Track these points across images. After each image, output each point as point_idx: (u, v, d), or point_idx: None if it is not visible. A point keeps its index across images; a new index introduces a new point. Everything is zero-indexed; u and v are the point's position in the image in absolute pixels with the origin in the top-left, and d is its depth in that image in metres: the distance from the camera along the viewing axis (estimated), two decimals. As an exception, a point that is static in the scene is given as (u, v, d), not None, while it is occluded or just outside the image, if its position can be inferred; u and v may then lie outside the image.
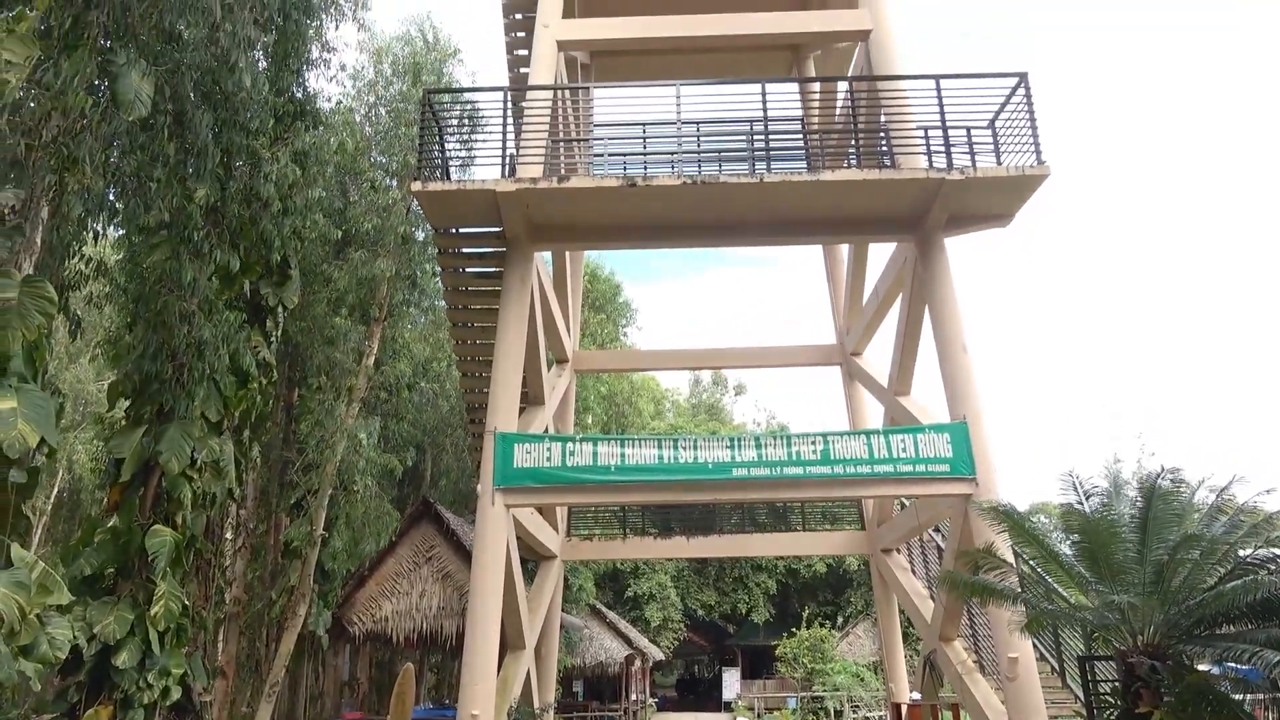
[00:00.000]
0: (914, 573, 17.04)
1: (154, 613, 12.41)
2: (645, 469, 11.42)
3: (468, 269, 13.75)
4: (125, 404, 14.15)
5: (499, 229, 12.41)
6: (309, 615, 18.47)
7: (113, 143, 11.79)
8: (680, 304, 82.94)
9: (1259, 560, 7.77)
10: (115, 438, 13.69)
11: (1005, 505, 9.35)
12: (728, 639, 41.72)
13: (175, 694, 12.86)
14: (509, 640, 13.41)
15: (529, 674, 13.90)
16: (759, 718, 33.45)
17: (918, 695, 17.25)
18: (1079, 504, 8.83)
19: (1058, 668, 13.05)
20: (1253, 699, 8.01)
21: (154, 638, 12.46)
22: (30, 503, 11.39)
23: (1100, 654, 9.48)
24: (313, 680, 23.88)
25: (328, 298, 19.02)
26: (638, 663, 32.49)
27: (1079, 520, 8.54)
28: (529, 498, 11.97)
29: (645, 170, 11.95)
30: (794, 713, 31.44)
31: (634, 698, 32.01)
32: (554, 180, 11.58)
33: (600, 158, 12.66)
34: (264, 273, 15.76)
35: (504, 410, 11.97)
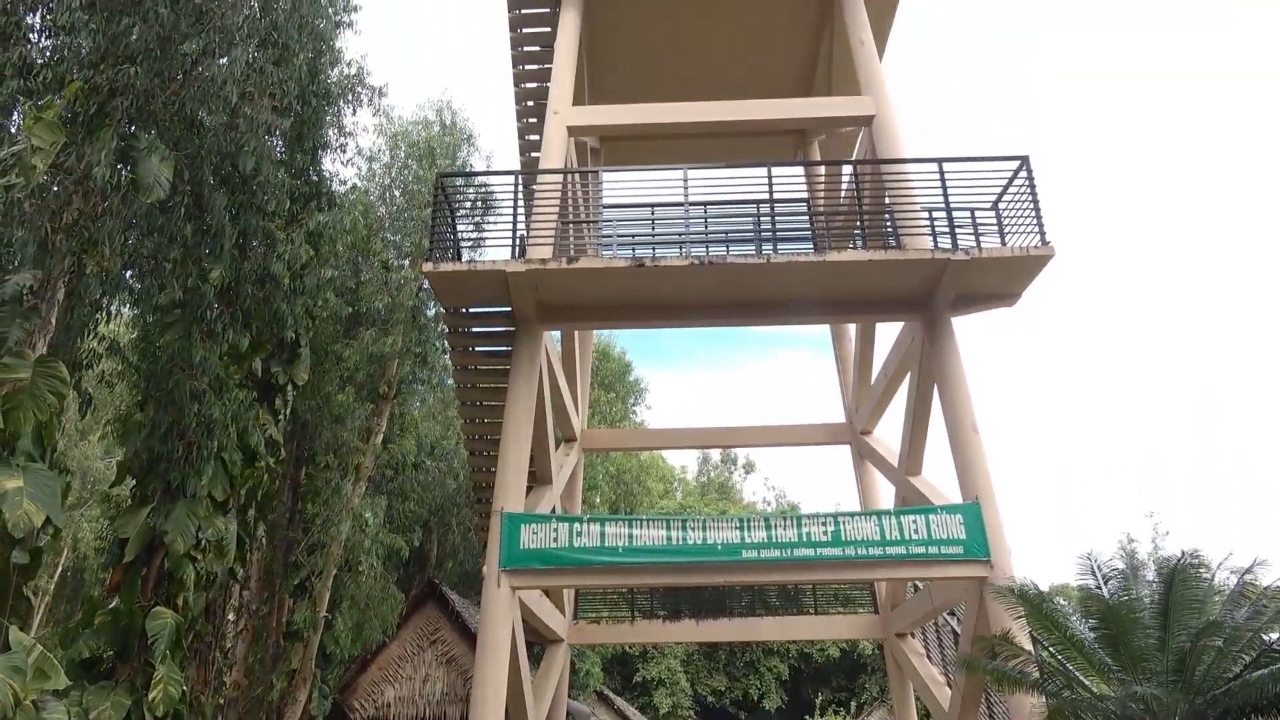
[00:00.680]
0: (930, 658, 16.59)
1: (152, 698, 12.13)
2: (653, 550, 11.24)
3: (477, 348, 13.83)
4: (132, 482, 14.13)
5: (508, 309, 12.51)
6: (309, 701, 18.04)
7: (132, 224, 12.05)
8: (692, 385, 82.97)
9: (1285, 648, 7.56)
10: (121, 517, 13.63)
11: (1022, 587, 9.15)
12: (739, 727, 40.49)
13: (170, 782, 12.50)
14: (513, 728, 13.02)
15: (534, 764, 13.45)
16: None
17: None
18: (1097, 588, 8.65)
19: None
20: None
21: (150, 724, 12.17)
22: (33, 583, 11.28)
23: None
24: (311, 769, 23.18)
25: (338, 375, 19.13)
26: (646, 752, 31.52)
27: (1098, 605, 8.35)
28: (535, 580, 11.77)
29: (653, 251, 12.09)
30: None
31: (642, 789, 30.94)
32: (563, 261, 11.72)
33: (609, 238, 12.84)
34: (274, 351, 15.90)
35: (511, 490, 11.87)
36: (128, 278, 12.64)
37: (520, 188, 12.77)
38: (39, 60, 11.21)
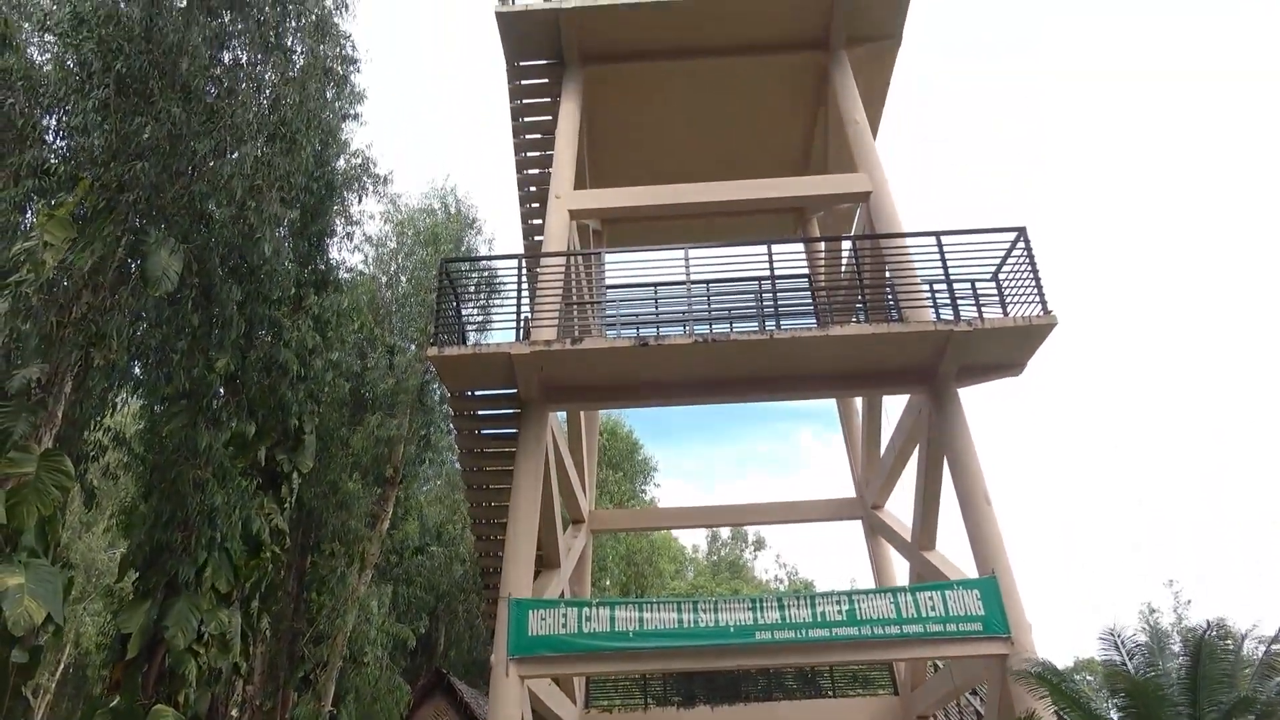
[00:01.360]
0: (953, 741, 16.04)
1: (151, 801, 11.76)
2: (665, 634, 10.97)
3: (482, 430, 13.78)
4: (135, 576, 13.95)
5: (514, 390, 12.51)
6: (313, 800, 17.46)
7: (140, 316, 12.18)
8: (698, 461, 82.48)
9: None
10: (123, 611, 13.41)
11: (1043, 666, 8.88)
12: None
13: None
14: (524, 826, 12.52)
15: None
16: None
17: None
18: (1122, 664, 8.40)
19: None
20: None
21: (148, 829, 11.76)
22: (33, 681, 11.04)
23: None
24: None
25: (344, 461, 19.06)
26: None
27: (1124, 682, 8.10)
28: (544, 668, 11.47)
29: (657, 330, 12.15)
30: None
31: None
32: (567, 342, 11.77)
33: (612, 318, 12.91)
34: (280, 438, 15.88)
35: (518, 575, 11.67)
36: (134, 369, 12.71)
37: (524, 271, 12.92)
38: (53, 159, 11.51)
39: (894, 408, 15.71)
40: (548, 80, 16.18)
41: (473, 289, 19.29)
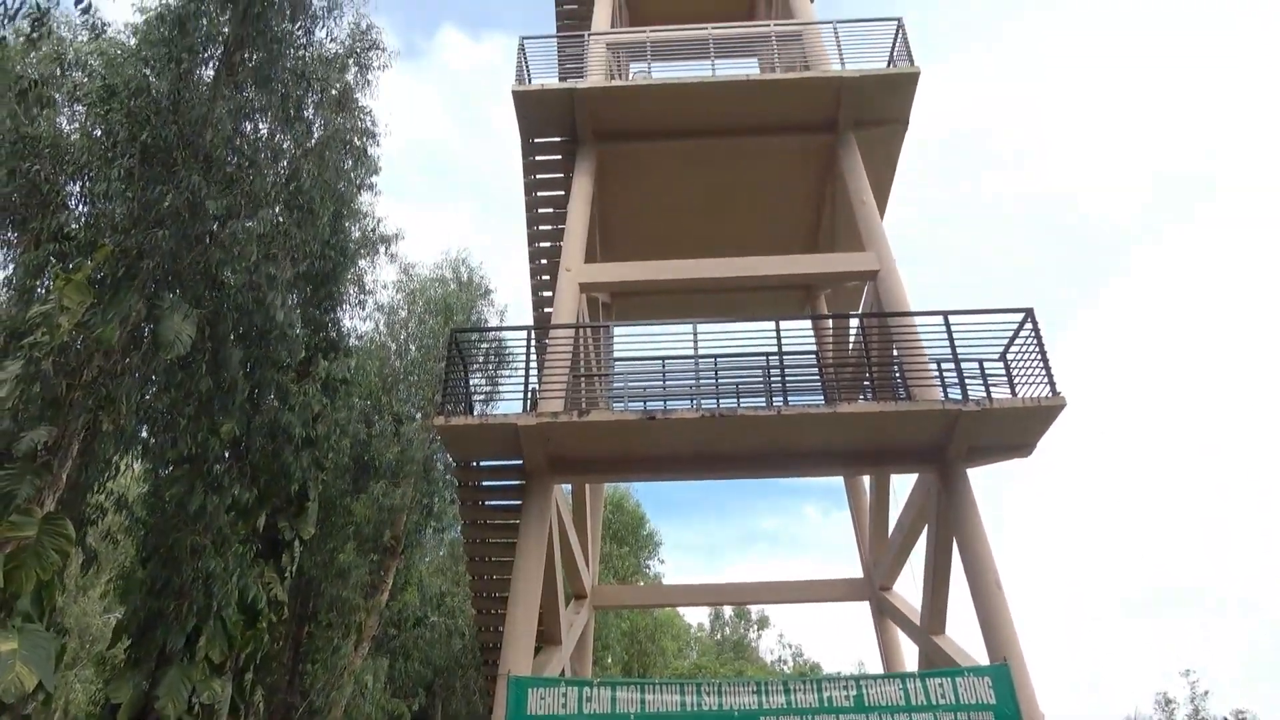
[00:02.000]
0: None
1: None
2: (668, 717, 10.65)
3: (486, 501, 13.67)
4: (128, 642, 13.71)
5: (519, 462, 12.44)
6: None
7: (150, 381, 12.24)
8: (703, 537, 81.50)
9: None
10: (114, 680, 13.15)
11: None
12: None
13: None
14: None
15: None
16: None
17: None
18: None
19: None
20: None
21: None
22: (16, 753, 10.75)
23: None
24: None
25: (346, 529, 18.89)
26: None
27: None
28: (543, 749, 11.14)
29: (664, 404, 12.13)
30: None
31: None
32: (574, 414, 11.75)
33: (620, 391, 12.91)
34: (282, 504, 15.77)
35: (518, 651, 11.42)
36: (141, 433, 12.73)
37: (533, 342, 12.97)
38: (74, 225, 11.74)
39: (902, 485, 15.56)
40: (561, 156, 16.52)
41: (481, 359, 19.38)
